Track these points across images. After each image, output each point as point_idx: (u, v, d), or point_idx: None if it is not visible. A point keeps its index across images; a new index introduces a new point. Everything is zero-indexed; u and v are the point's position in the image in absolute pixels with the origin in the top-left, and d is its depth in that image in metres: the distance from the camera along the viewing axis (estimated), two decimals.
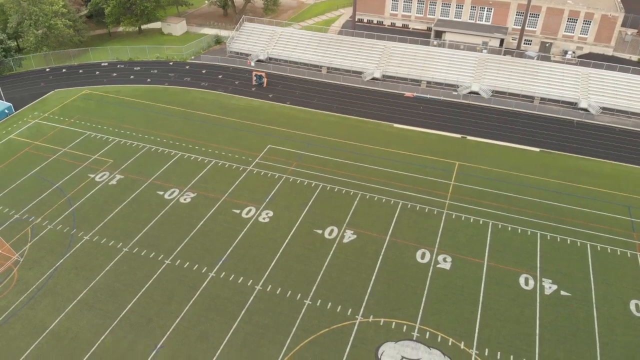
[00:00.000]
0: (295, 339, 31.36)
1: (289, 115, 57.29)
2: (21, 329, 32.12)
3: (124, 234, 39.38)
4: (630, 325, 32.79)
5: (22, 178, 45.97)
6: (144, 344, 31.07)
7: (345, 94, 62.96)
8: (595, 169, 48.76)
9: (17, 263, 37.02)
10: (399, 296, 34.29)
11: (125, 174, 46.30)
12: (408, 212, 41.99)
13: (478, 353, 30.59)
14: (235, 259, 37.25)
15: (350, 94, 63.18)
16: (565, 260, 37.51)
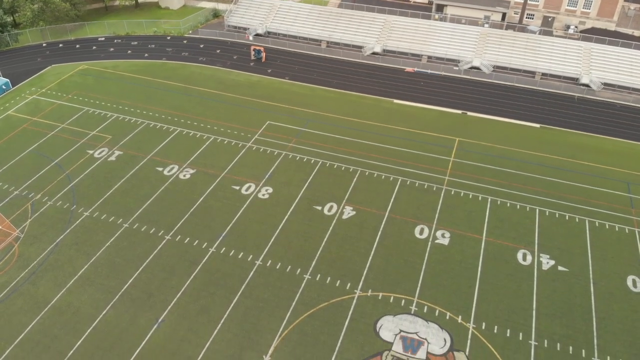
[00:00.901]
0: (295, 313, 31.75)
1: (288, 90, 56.88)
2: (23, 304, 32.47)
3: (124, 210, 39.50)
4: (626, 301, 33.16)
5: (21, 154, 45.86)
6: (145, 318, 31.46)
7: (345, 69, 62.42)
8: (596, 146, 48.67)
9: (17, 239, 37.21)
10: (398, 271, 34.59)
11: (124, 150, 46.19)
12: (407, 188, 42.04)
13: (475, 327, 31.01)
14: (235, 234, 37.44)
15: (350, 69, 62.63)
16: (563, 236, 37.73)
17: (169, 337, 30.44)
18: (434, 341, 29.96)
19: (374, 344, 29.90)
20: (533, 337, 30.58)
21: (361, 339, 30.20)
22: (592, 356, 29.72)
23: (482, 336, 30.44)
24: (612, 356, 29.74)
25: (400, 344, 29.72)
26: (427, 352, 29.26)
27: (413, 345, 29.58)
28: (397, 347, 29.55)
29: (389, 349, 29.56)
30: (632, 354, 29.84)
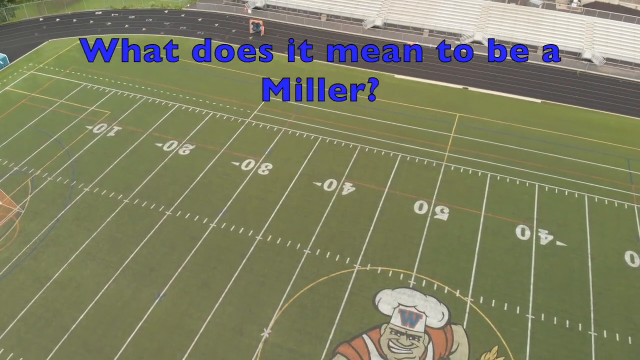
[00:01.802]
0: (295, 287, 32.09)
1: (287, 65, 56.30)
2: (25, 279, 32.78)
3: (124, 186, 39.55)
4: (624, 276, 33.44)
5: (20, 130, 45.70)
6: (146, 293, 31.81)
7: (346, 43, 61.64)
8: (597, 121, 48.42)
9: (18, 215, 37.35)
10: (396, 246, 34.81)
11: (123, 126, 46.00)
12: (407, 164, 41.99)
13: (473, 301, 31.36)
14: (236, 210, 37.56)
15: (350, 42, 61.86)
16: (562, 212, 37.84)
17: (171, 311, 30.83)
18: (432, 314, 30.35)
19: (372, 317, 30.30)
20: (530, 311, 30.95)
21: (360, 312, 30.60)
22: (589, 330, 30.13)
23: (480, 310, 30.82)
24: (608, 330, 30.16)
25: (399, 317, 30.10)
26: (425, 325, 29.67)
27: (411, 319, 29.96)
28: (396, 320, 29.95)
29: (387, 322, 29.97)
30: (629, 328, 30.24)
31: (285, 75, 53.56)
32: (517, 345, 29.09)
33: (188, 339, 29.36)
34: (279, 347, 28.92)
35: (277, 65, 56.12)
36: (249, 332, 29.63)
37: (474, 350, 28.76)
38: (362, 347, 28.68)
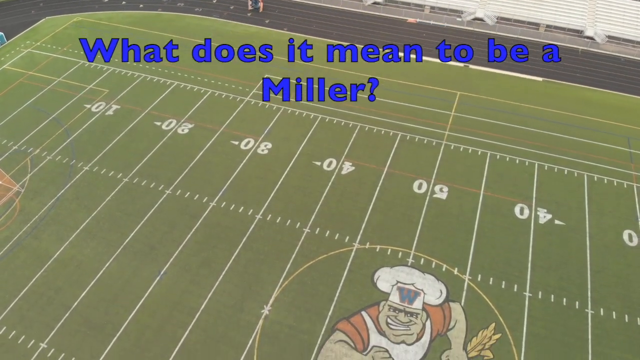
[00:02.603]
0: (294, 265, 32.33)
1: (286, 42, 55.69)
2: (26, 257, 33.00)
3: (123, 165, 39.52)
4: (622, 255, 33.63)
5: (18, 109, 45.48)
6: (147, 271, 32.07)
7: (345, 20, 60.95)
8: (598, 100, 48.12)
9: (18, 194, 37.42)
10: (395, 225, 34.95)
11: (121, 104, 45.76)
12: (407, 143, 41.89)
13: (471, 279, 31.62)
14: (235, 189, 37.60)
15: (350, 19, 61.16)
16: (561, 191, 37.88)
17: (171, 288, 31.12)
18: (430, 292, 30.64)
19: (371, 295, 30.60)
20: (528, 289, 31.23)
21: (359, 289, 30.89)
22: (586, 308, 30.43)
23: (478, 287, 31.10)
24: (605, 308, 30.46)
25: (397, 294, 30.40)
26: (423, 303, 29.98)
27: (410, 296, 30.26)
28: (394, 298, 30.26)
29: (386, 299, 30.28)
30: (626, 306, 30.54)
31: (284, 52, 53.04)
32: (514, 323, 29.44)
33: (189, 316, 29.71)
34: (278, 324, 29.29)
35: (276, 41, 55.44)
36: (249, 309, 29.97)
37: (472, 327, 29.12)
38: (361, 323, 29.03)
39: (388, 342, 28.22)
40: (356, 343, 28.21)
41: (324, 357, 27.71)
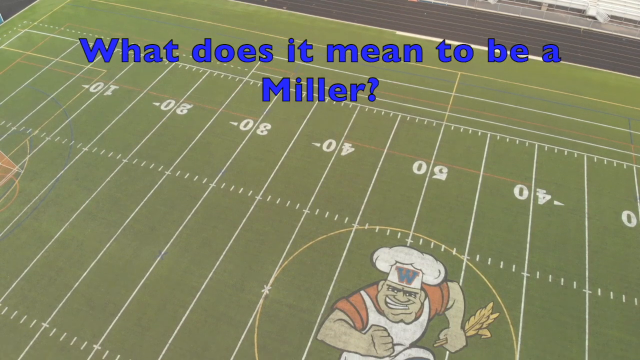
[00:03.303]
0: (294, 245, 32.51)
1: (286, 21, 55.15)
2: (27, 238, 33.15)
3: (122, 145, 39.44)
4: (620, 235, 33.78)
5: (17, 90, 45.21)
6: (148, 251, 32.26)
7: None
8: (599, 80, 47.82)
9: (18, 175, 37.42)
10: (395, 206, 35.03)
11: (119, 85, 45.48)
12: (407, 124, 41.74)
13: (469, 259, 31.82)
14: (235, 170, 37.60)
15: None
16: (561, 171, 37.89)
17: (172, 268, 31.35)
18: (429, 272, 30.87)
19: (370, 274, 30.84)
20: (526, 269, 31.46)
21: (358, 269, 31.12)
22: (583, 288, 30.68)
23: (476, 268, 31.32)
24: (603, 288, 30.72)
25: (396, 274, 30.63)
26: (421, 282, 30.23)
27: (408, 276, 30.50)
28: (393, 277, 30.50)
29: (384, 278, 30.53)
30: (623, 286, 30.78)
31: (284, 31, 52.50)
32: (512, 302, 29.72)
33: (190, 296, 29.99)
34: (278, 303, 29.57)
35: (275, 21, 54.90)
36: (249, 289, 30.23)
37: (470, 306, 29.41)
38: (360, 302, 29.31)
39: (387, 321, 28.53)
40: (355, 322, 28.52)
41: (323, 335, 28.05)
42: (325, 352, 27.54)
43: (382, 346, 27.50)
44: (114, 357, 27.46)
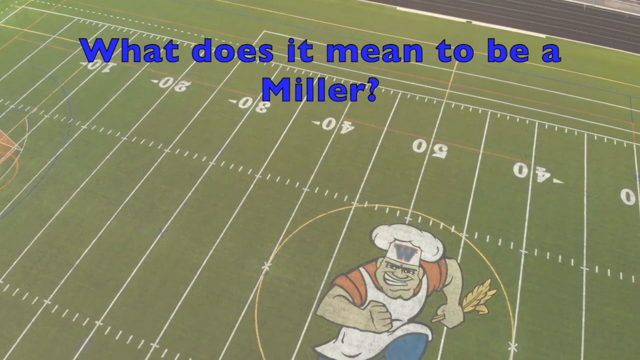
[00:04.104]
0: (294, 223, 32.69)
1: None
2: (28, 216, 33.30)
3: (121, 123, 39.33)
4: (618, 213, 33.91)
5: (14, 67, 44.88)
6: (148, 228, 32.44)
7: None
8: (600, 57, 47.42)
9: (17, 153, 37.40)
10: (394, 184, 35.10)
11: (117, 62, 45.11)
12: (407, 102, 41.55)
13: (468, 236, 32.02)
14: (234, 148, 37.56)
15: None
16: (561, 149, 37.86)
17: (173, 246, 31.57)
18: (427, 249, 31.11)
19: (369, 252, 31.08)
20: (524, 246, 31.68)
21: (357, 246, 31.35)
22: (581, 265, 30.94)
23: (474, 245, 31.55)
24: (600, 265, 30.97)
25: (395, 251, 30.88)
26: (420, 259, 30.49)
27: (407, 253, 30.74)
28: (392, 254, 30.75)
29: (383, 255, 30.79)
30: (620, 264, 31.03)
31: (283, 6, 51.88)
32: (510, 279, 30.02)
33: (191, 272, 30.28)
34: (279, 279, 29.88)
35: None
36: (250, 265, 30.51)
37: (467, 283, 29.71)
38: (359, 279, 29.62)
39: (385, 297, 28.87)
40: (354, 298, 28.86)
41: (322, 311, 28.41)
42: (324, 327, 27.93)
43: (381, 321, 27.88)
44: (116, 332, 27.87)
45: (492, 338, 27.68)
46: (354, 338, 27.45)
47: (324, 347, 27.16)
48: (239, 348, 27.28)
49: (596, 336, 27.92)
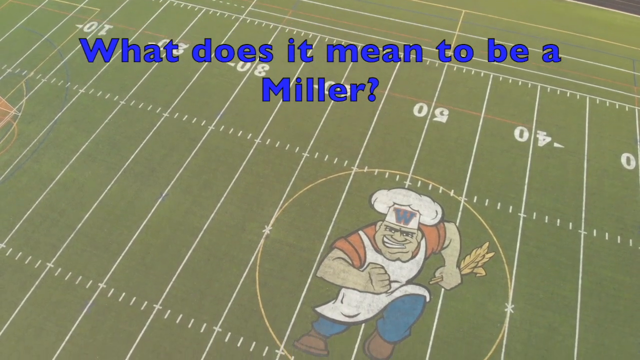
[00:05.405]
0: (294, 187, 32.78)
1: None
2: (28, 181, 33.36)
3: (119, 87, 38.94)
4: (618, 177, 33.94)
5: (10, 31, 44.11)
6: (149, 192, 32.56)
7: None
8: (606, 20, 46.53)
9: (15, 117, 37.18)
10: (394, 148, 35.02)
11: (114, 24, 44.34)
12: (408, 64, 40.99)
13: (467, 200, 32.16)
14: (233, 113, 37.30)
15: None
16: (562, 113, 37.60)
17: (174, 209, 31.76)
18: (426, 213, 31.29)
19: (368, 215, 31.29)
20: (523, 210, 31.85)
21: (357, 210, 31.53)
22: (579, 229, 31.16)
23: (473, 209, 31.72)
24: (598, 229, 31.20)
25: (394, 215, 31.07)
26: (418, 223, 30.72)
27: (406, 217, 30.94)
28: (391, 218, 30.96)
29: (382, 219, 31.00)
30: (619, 228, 31.24)
31: None
32: (508, 242, 30.31)
33: (192, 236, 30.56)
34: (279, 242, 30.19)
35: None
36: (250, 229, 30.76)
37: (465, 246, 30.02)
38: (358, 242, 29.92)
39: (384, 259, 29.23)
40: (353, 260, 29.23)
41: (322, 272, 28.83)
42: (324, 288, 28.38)
43: (379, 283, 28.31)
44: (119, 295, 28.34)
45: (489, 299, 28.15)
46: (353, 299, 27.93)
47: (324, 307, 27.66)
48: (240, 308, 27.79)
49: (592, 298, 28.38)
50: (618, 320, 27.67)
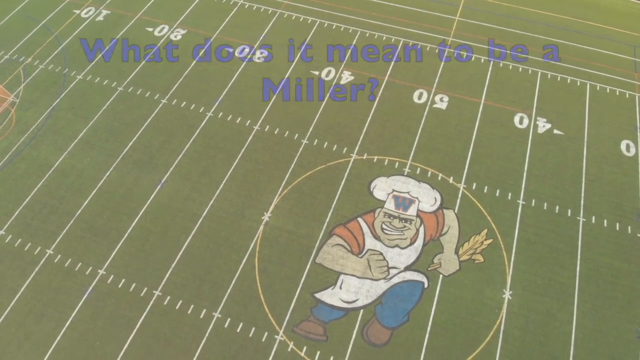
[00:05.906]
0: (293, 174, 32.76)
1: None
2: (27, 167, 33.30)
3: (117, 73, 38.70)
4: (617, 164, 33.90)
5: (7, 17, 43.69)
6: (148, 179, 32.54)
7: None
8: (606, 6, 46.11)
9: (13, 104, 37.02)
10: (393, 135, 34.92)
11: (111, 9, 43.94)
12: (408, 50, 40.71)
13: (466, 187, 32.16)
14: (232, 99, 37.13)
15: None
16: (562, 100, 37.45)
17: (173, 196, 31.77)
18: (425, 200, 31.31)
19: (367, 202, 31.31)
20: (521, 196, 31.86)
21: (356, 197, 31.55)
22: (578, 216, 31.20)
23: (472, 195, 31.73)
24: (597, 216, 31.24)
25: (393, 202, 31.10)
26: (417, 210, 30.76)
27: (404, 204, 30.97)
28: (389, 205, 30.99)
29: (381, 206, 31.04)
30: (617, 215, 31.27)
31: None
32: (506, 229, 30.37)
33: (191, 222, 30.60)
34: (278, 229, 30.24)
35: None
36: (250, 216, 30.79)
37: (464, 232, 30.09)
38: (357, 229, 29.98)
39: (383, 245, 29.32)
40: (352, 246, 29.31)
41: (321, 259, 28.93)
42: (323, 274, 28.51)
43: (378, 269, 28.43)
44: (118, 281, 28.45)
45: (487, 286, 28.29)
46: (352, 285, 28.07)
47: (323, 293, 27.80)
48: (240, 294, 27.93)
49: (590, 285, 28.51)
50: (615, 306, 27.80)
